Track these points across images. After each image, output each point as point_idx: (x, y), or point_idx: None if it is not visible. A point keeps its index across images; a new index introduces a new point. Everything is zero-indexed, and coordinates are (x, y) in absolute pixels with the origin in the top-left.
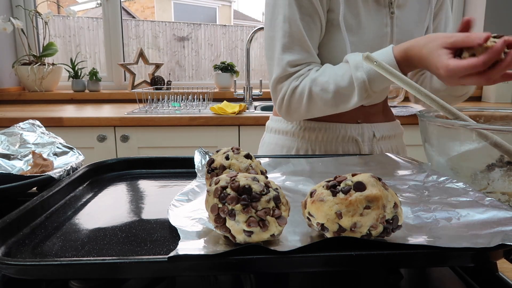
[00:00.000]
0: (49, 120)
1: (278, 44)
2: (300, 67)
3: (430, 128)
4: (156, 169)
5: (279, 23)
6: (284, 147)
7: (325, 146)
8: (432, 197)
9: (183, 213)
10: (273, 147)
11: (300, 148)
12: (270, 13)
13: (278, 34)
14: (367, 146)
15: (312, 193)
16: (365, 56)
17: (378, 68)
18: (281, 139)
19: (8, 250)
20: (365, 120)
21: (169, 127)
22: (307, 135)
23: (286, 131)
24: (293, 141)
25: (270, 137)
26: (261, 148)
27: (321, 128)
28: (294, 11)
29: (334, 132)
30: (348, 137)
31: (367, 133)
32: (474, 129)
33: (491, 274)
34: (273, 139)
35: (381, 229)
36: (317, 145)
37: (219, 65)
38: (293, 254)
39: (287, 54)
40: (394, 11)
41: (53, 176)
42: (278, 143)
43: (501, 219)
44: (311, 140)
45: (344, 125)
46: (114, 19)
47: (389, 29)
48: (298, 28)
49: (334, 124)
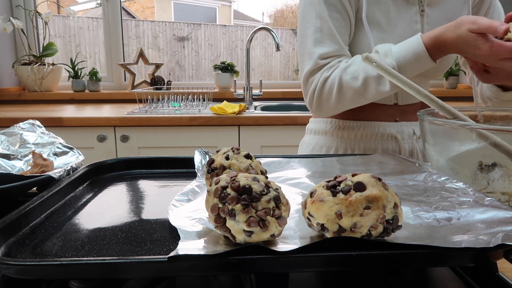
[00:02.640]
0: (49, 120)
1: (310, 39)
2: (331, 59)
3: (430, 128)
4: (156, 169)
5: (310, 20)
6: (323, 147)
7: (364, 144)
8: (432, 197)
9: (183, 213)
10: (312, 147)
11: (339, 146)
12: (301, 12)
13: (310, 31)
14: (407, 144)
15: (312, 193)
16: (364, 57)
17: (378, 68)
18: (320, 139)
19: (8, 250)
20: (403, 119)
21: (169, 127)
22: (346, 134)
23: (325, 131)
24: (332, 140)
25: (310, 138)
26: (301, 148)
27: (360, 127)
28: (323, 8)
29: (372, 130)
30: (387, 135)
31: (406, 131)
32: (474, 129)
33: (491, 274)
34: (312, 139)
35: (381, 229)
36: (356, 143)
37: (219, 65)
38: (293, 254)
39: (318, 47)
40: (424, 8)
41: (53, 176)
42: (318, 143)
43: (501, 219)
44: (350, 139)
45: (382, 123)
46: (114, 19)
47: (419, 26)
48: (328, 24)
49: (373, 123)
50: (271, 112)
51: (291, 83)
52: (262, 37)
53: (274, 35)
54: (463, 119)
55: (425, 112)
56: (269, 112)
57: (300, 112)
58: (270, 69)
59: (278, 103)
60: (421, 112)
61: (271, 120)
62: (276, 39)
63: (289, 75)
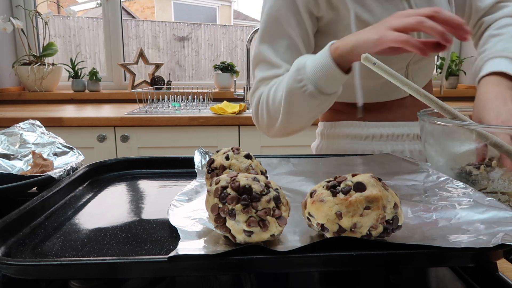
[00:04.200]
0: (49, 120)
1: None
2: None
3: (430, 128)
4: (156, 169)
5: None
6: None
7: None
8: (432, 197)
9: (183, 213)
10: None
11: (365, 150)
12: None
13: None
14: None
15: (312, 193)
16: (364, 57)
17: (378, 69)
18: (343, 144)
19: (8, 250)
20: None
21: (169, 127)
22: (371, 135)
23: (347, 135)
24: (357, 144)
25: (328, 143)
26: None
27: (385, 126)
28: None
29: (397, 130)
30: (413, 135)
31: None
32: (473, 129)
33: (491, 274)
34: (333, 145)
35: (381, 230)
36: (383, 146)
37: (219, 65)
38: (293, 254)
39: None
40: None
41: (53, 176)
42: (340, 148)
43: (501, 219)
44: (375, 140)
45: (407, 122)
46: (114, 19)
47: None
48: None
49: (395, 123)
50: None
51: None
52: None
53: None
54: (463, 119)
55: (425, 112)
56: None
57: None
58: None
59: None
60: (421, 112)
61: None
62: None
63: None
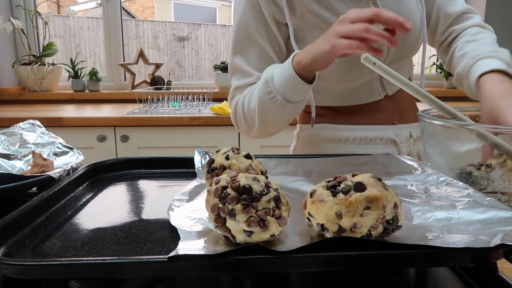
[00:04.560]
0: (49, 120)
1: (232, 74)
2: (244, 89)
3: (430, 128)
4: (156, 169)
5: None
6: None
7: (364, 149)
8: (432, 197)
9: (183, 213)
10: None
11: (338, 152)
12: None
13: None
14: (405, 147)
15: (312, 193)
16: (364, 57)
17: (377, 69)
18: (317, 147)
19: (8, 250)
20: (400, 121)
21: (169, 127)
22: (344, 138)
23: (320, 138)
24: (330, 147)
25: (303, 146)
26: None
27: (358, 130)
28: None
29: (371, 134)
30: (386, 139)
31: (404, 134)
32: (473, 129)
33: (491, 274)
34: (307, 147)
35: (381, 230)
36: (356, 149)
37: (219, 65)
38: (293, 254)
39: (236, 80)
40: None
41: (53, 176)
42: (313, 151)
43: (501, 219)
44: (348, 143)
45: (380, 126)
46: (114, 19)
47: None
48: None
49: (371, 126)
50: None
51: None
52: None
53: None
54: (463, 119)
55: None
56: None
57: None
58: None
59: None
60: (421, 112)
61: None
62: None
63: None
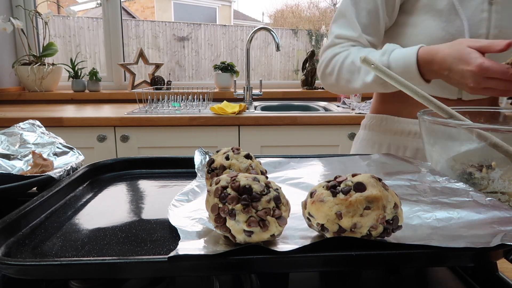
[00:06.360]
0: (49, 120)
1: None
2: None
3: (430, 128)
4: (156, 169)
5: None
6: (376, 143)
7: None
8: (432, 197)
9: (183, 213)
10: (366, 143)
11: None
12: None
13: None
14: None
15: (312, 193)
16: (362, 59)
17: (376, 70)
18: (374, 136)
19: (8, 250)
20: None
21: (169, 127)
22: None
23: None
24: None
25: (364, 134)
26: (355, 145)
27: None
28: None
29: None
30: None
31: None
32: (473, 129)
33: (491, 274)
34: (367, 135)
35: (381, 230)
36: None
37: (219, 65)
38: (293, 254)
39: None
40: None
41: (53, 176)
42: (371, 139)
43: (501, 219)
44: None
45: None
46: (114, 19)
47: (486, 15)
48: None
49: None
50: (271, 112)
51: (291, 83)
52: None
53: (274, 35)
54: (460, 119)
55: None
56: (269, 112)
57: (300, 112)
58: (270, 69)
59: (278, 103)
60: (421, 112)
61: (271, 120)
62: (276, 39)
63: (289, 75)
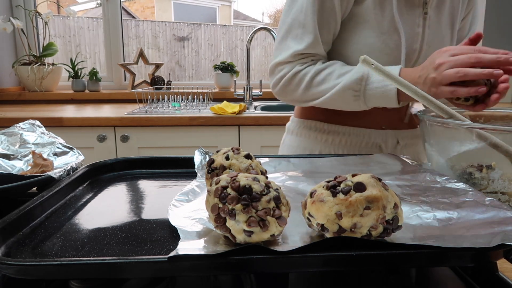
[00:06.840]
0: (49, 120)
1: (290, 32)
2: (305, 56)
3: (430, 128)
4: (156, 169)
5: (295, 11)
6: (306, 149)
7: (348, 151)
8: (432, 197)
9: (183, 213)
10: (294, 149)
11: (322, 151)
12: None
13: (292, 22)
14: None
15: (312, 193)
16: (362, 59)
17: (376, 70)
18: (303, 142)
19: (8, 250)
20: (389, 127)
21: (169, 127)
22: (331, 138)
23: (308, 134)
24: (316, 144)
25: (291, 139)
26: (282, 150)
27: (345, 133)
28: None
29: (357, 137)
30: (372, 143)
31: (390, 140)
32: (473, 129)
33: (491, 274)
34: (294, 141)
35: (381, 230)
36: (340, 149)
37: (219, 65)
38: (293, 254)
39: (296, 43)
40: (427, 11)
41: (53, 176)
42: (300, 145)
43: (501, 219)
44: (334, 144)
45: (368, 130)
46: (114, 19)
47: (420, 29)
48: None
49: (359, 129)
50: (271, 112)
51: None
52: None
53: (274, 35)
54: (460, 119)
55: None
56: (269, 112)
57: None
58: None
59: (278, 103)
60: (421, 112)
61: (271, 120)
62: None
63: None
